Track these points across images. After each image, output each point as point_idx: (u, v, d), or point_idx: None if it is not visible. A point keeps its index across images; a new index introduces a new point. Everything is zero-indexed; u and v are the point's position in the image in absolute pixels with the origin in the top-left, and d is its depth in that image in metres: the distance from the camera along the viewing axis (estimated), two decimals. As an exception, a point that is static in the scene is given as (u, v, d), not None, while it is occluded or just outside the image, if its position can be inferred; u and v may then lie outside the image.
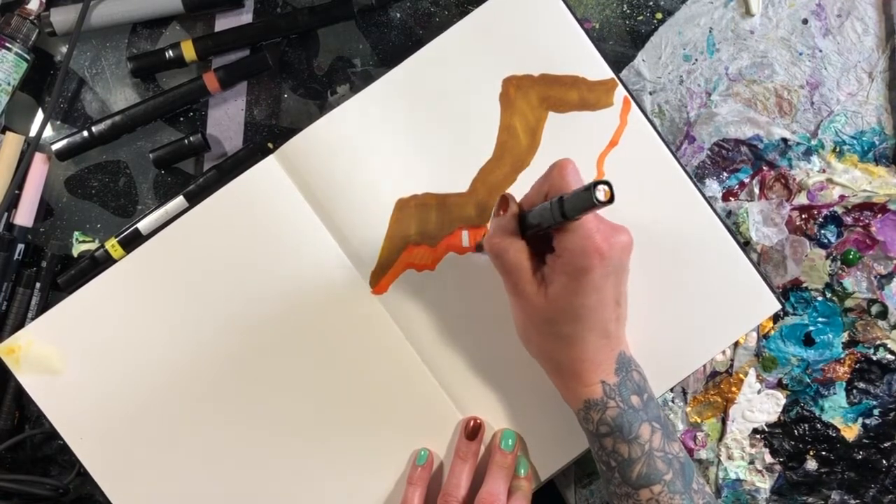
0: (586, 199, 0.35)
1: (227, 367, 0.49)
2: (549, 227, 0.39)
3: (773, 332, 0.52)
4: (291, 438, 0.49)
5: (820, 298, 0.51)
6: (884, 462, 0.52)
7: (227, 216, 0.49)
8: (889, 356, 0.51)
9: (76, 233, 0.53)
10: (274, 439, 0.49)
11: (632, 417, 0.41)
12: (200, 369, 0.49)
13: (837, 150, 0.51)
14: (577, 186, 0.39)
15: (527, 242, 0.41)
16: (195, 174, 0.53)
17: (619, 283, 0.41)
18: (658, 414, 0.42)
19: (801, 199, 0.51)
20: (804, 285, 0.51)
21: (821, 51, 0.51)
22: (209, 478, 0.49)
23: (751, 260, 0.49)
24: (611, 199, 0.34)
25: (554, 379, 0.44)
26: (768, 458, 0.52)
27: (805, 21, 0.51)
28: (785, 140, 0.51)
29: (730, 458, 0.52)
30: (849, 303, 0.51)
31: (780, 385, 0.52)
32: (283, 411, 0.49)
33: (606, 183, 0.34)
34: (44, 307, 0.52)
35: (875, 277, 0.51)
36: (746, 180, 0.52)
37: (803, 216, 0.51)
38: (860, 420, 0.52)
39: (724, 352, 0.51)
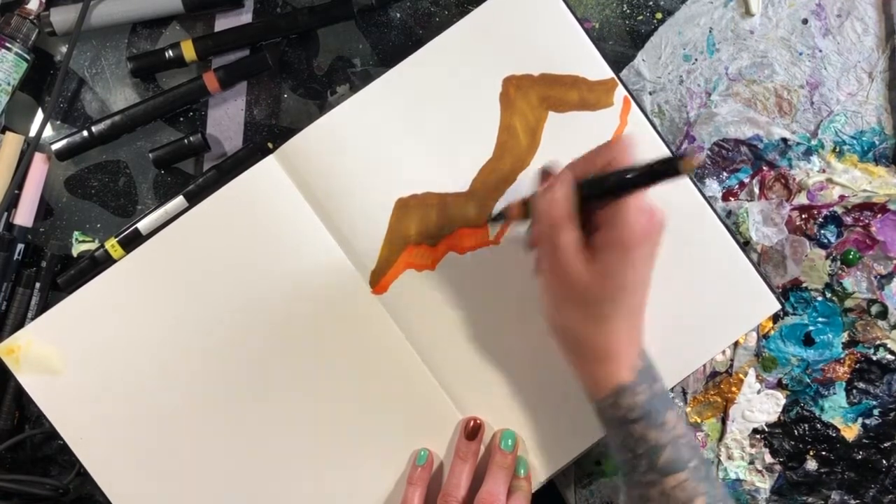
0: (670, 170, 0.35)
1: (226, 367, 0.49)
2: (609, 196, 0.39)
3: (773, 332, 0.52)
4: (291, 438, 0.49)
5: (820, 298, 0.51)
6: (884, 462, 0.52)
7: (227, 216, 0.49)
8: (889, 356, 0.51)
9: (76, 233, 0.53)
10: (274, 439, 0.49)
11: (659, 403, 0.41)
12: (200, 369, 0.49)
13: (837, 150, 0.51)
14: (636, 161, 0.39)
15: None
16: (195, 174, 0.53)
17: (653, 264, 0.41)
18: (673, 402, 0.42)
19: (801, 199, 0.51)
20: (804, 285, 0.51)
21: (821, 51, 0.51)
22: (209, 478, 0.49)
23: (751, 260, 0.49)
24: (693, 170, 0.35)
25: (581, 365, 0.43)
26: (768, 458, 0.52)
27: (805, 21, 0.51)
28: (785, 140, 0.51)
29: (730, 458, 0.52)
30: (849, 303, 0.51)
31: (780, 385, 0.52)
32: (282, 411, 0.49)
33: (690, 155, 0.35)
34: (44, 307, 0.52)
35: (875, 277, 0.51)
36: (746, 180, 0.52)
37: (803, 216, 0.51)
38: (860, 420, 0.52)
39: (723, 352, 0.51)
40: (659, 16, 0.52)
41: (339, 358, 0.49)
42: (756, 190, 0.51)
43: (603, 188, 0.39)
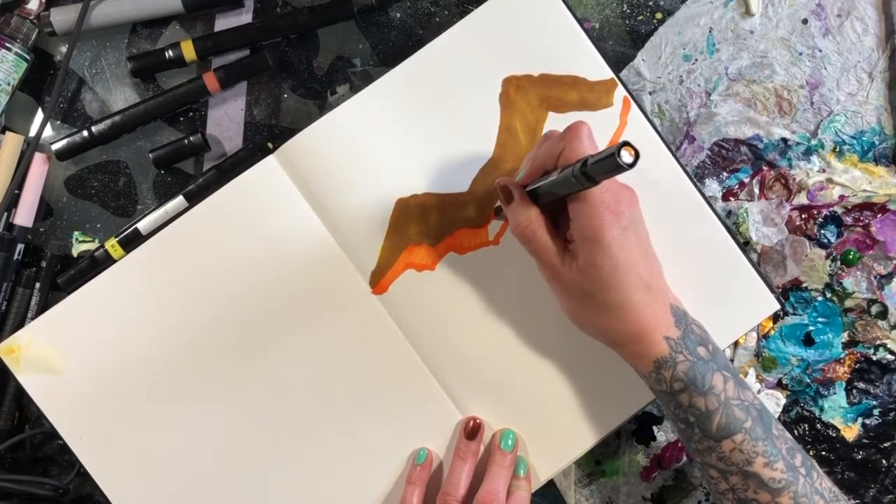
0: (612, 163, 0.34)
1: (226, 367, 0.49)
2: (568, 194, 0.39)
3: (772, 332, 0.52)
4: (291, 438, 0.49)
5: (820, 298, 0.51)
6: (884, 462, 0.52)
7: (227, 216, 0.49)
8: (889, 356, 0.51)
9: (76, 233, 0.53)
10: (274, 439, 0.49)
11: (703, 368, 0.40)
12: (200, 369, 0.49)
13: (837, 150, 0.51)
14: (593, 150, 0.39)
15: (548, 219, 0.41)
16: (195, 174, 0.53)
17: (640, 235, 0.41)
18: (726, 363, 0.42)
19: (801, 199, 0.51)
20: (804, 285, 0.51)
21: (821, 51, 0.51)
22: (209, 477, 0.49)
23: (750, 260, 0.49)
24: (636, 159, 0.33)
25: (619, 350, 0.43)
26: (768, 458, 0.52)
27: (805, 21, 0.51)
28: (785, 140, 0.51)
29: (730, 458, 0.52)
30: (849, 303, 0.51)
31: (780, 385, 0.52)
32: (283, 411, 0.49)
33: (628, 144, 0.33)
34: (44, 307, 0.52)
35: (875, 277, 0.51)
36: (746, 180, 0.52)
37: (803, 216, 0.51)
38: (860, 420, 0.52)
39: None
40: (659, 16, 0.52)
41: (338, 357, 0.49)
42: (756, 190, 0.51)
43: (558, 186, 0.39)
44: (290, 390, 0.49)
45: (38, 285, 0.53)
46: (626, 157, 0.33)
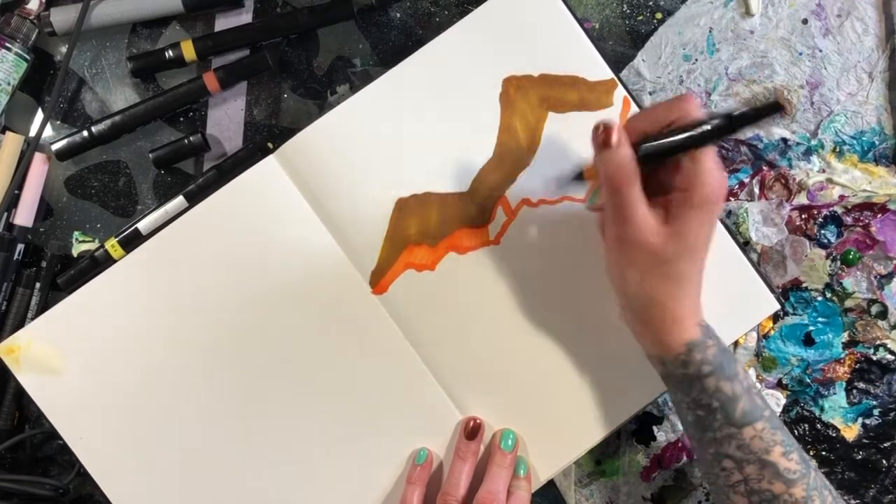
0: (769, 109, 0.36)
1: (226, 367, 0.49)
2: (680, 150, 0.38)
3: (772, 332, 0.52)
4: (291, 438, 0.49)
5: (820, 298, 0.51)
6: (884, 462, 0.52)
7: (227, 216, 0.49)
8: (889, 356, 0.51)
9: (76, 233, 0.53)
10: (274, 439, 0.49)
11: (728, 356, 0.41)
12: (200, 369, 0.49)
13: (837, 150, 0.51)
14: (699, 117, 0.38)
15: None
16: (195, 174, 0.53)
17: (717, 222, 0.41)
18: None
19: (801, 199, 0.51)
20: (804, 285, 0.51)
21: (821, 51, 0.51)
22: (209, 477, 0.49)
23: (750, 260, 0.49)
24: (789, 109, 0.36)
25: (653, 326, 0.41)
26: (768, 458, 0.52)
27: (805, 21, 0.51)
28: (785, 140, 0.51)
29: (730, 458, 0.52)
30: (849, 303, 0.51)
31: (780, 385, 0.52)
32: (282, 411, 0.49)
33: (780, 92, 0.36)
34: (44, 307, 0.52)
35: (875, 277, 0.51)
36: (746, 180, 0.52)
37: (803, 216, 0.51)
38: (860, 420, 0.52)
39: (724, 352, 0.51)
40: (659, 16, 0.52)
41: (338, 358, 0.49)
42: (756, 190, 0.51)
43: (668, 147, 0.38)
44: (289, 390, 0.49)
45: (38, 285, 0.53)
46: (783, 102, 0.36)
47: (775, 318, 0.52)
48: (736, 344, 0.52)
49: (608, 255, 0.42)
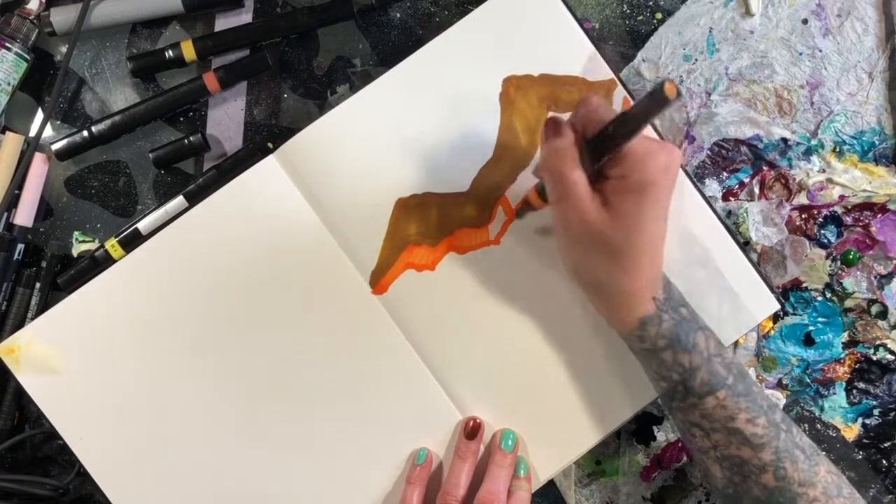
0: (658, 99, 0.35)
1: (226, 366, 0.49)
2: (615, 148, 0.39)
3: (772, 332, 0.52)
4: (291, 437, 0.49)
5: (820, 298, 0.51)
6: (884, 462, 0.52)
7: (227, 216, 0.49)
8: (889, 356, 0.51)
9: (76, 233, 0.53)
10: (274, 438, 0.49)
11: (686, 327, 0.41)
12: (200, 369, 0.49)
13: (837, 150, 0.51)
14: (609, 115, 0.39)
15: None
16: (195, 174, 0.53)
17: (670, 198, 0.41)
18: (704, 323, 0.42)
19: (801, 199, 0.51)
20: (804, 285, 0.51)
21: (821, 51, 0.51)
22: (209, 477, 0.49)
23: (750, 260, 0.49)
24: (678, 95, 0.34)
25: (604, 304, 0.43)
26: (768, 458, 0.52)
27: (805, 21, 0.51)
28: (785, 140, 0.51)
29: (730, 458, 0.52)
30: (849, 303, 0.51)
31: (780, 385, 0.52)
32: (283, 411, 0.49)
33: (668, 81, 0.34)
34: (44, 307, 0.52)
35: (875, 277, 0.51)
36: (746, 180, 0.52)
37: (803, 216, 0.51)
38: (860, 420, 0.52)
39: (724, 352, 0.51)
40: (659, 16, 0.52)
41: (339, 358, 0.49)
42: (756, 190, 0.51)
43: (604, 139, 0.39)
44: (290, 390, 0.49)
45: (38, 285, 0.53)
46: (668, 93, 0.34)
47: (775, 318, 0.52)
48: (736, 344, 0.52)
49: (557, 239, 0.44)
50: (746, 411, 0.40)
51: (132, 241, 0.51)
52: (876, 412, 0.52)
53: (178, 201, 0.52)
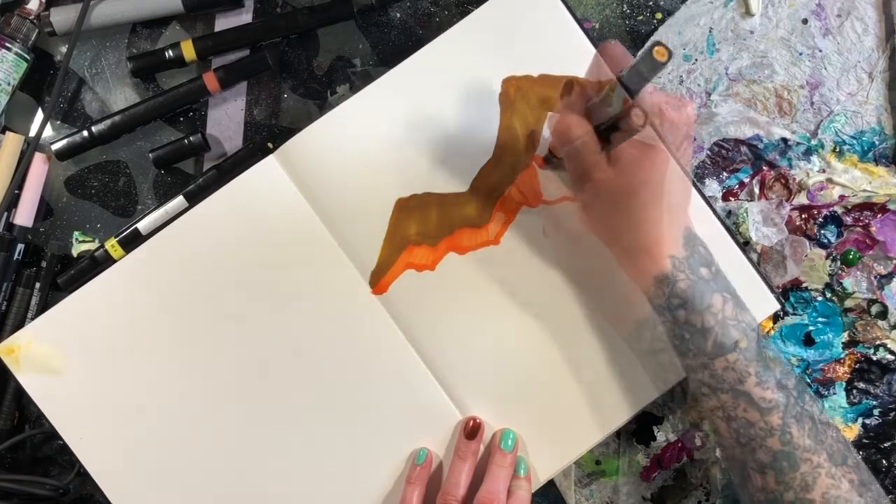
0: (647, 64, 0.35)
1: (226, 367, 0.49)
2: (616, 114, 0.39)
3: (773, 332, 0.52)
4: (291, 438, 0.49)
5: (820, 298, 0.51)
6: (884, 462, 0.52)
7: (227, 216, 0.49)
8: (889, 356, 0.51)
9: (76, 233, 0.53)
10: (273, 438, 0.49)
11: (703, 288, 0.41)
12: (199, 369, 0.49)
13: (837, 150, 0.51)
14: (627, 62, 0.39)
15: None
16: (195, 174, 0.53)
17: (685, 156, 0.41)
18: (728, 285, 0.42)
19: (801, 199, 0.51)
20: (804, 285, 0.51)
21: (821, 51, 0.51)
22: (209, 477, 0.49)
23: (750, 260, 0.49)
24: (669, 57, 0.34)
25: (623, 261, 0.44)
26: (768, 458, 0.52)
27: (805, 21, 0.51)
28: (785, 140, 0.51)
29: (730, 458, 0.52)
30: (849, 303, 0.51)
31: (779, 385, 0.52)
32: (282, 411, 0.49)
33: (660, 43, 0.34)
34: (44, 307, 0.52)
35: (875, 277, 0.51)
36: (746, 180, 0.52)
37: (803, 216, 0.51)
38: (860, 420, 0.52)
39: (723, 352, 0.51)
40: (659, 16, 0.52)
41: (338, 357, 0.49)
42: (756, 190, 0.51)
43: (603, 109, 0.40)
44: (290, 390, 0.49)
45: (38, 285, 0.53)
46: (658, 56, 0.34)
47: (775, 318, 0.52)
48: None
49: (576, 200, 0.45)
50: (756, 375, 0.41)
51: (132, 241, 0.51)
52: (876, 412, 0.52)
53: (178, 201, 0.52)
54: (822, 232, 0.51)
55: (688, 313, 0.41)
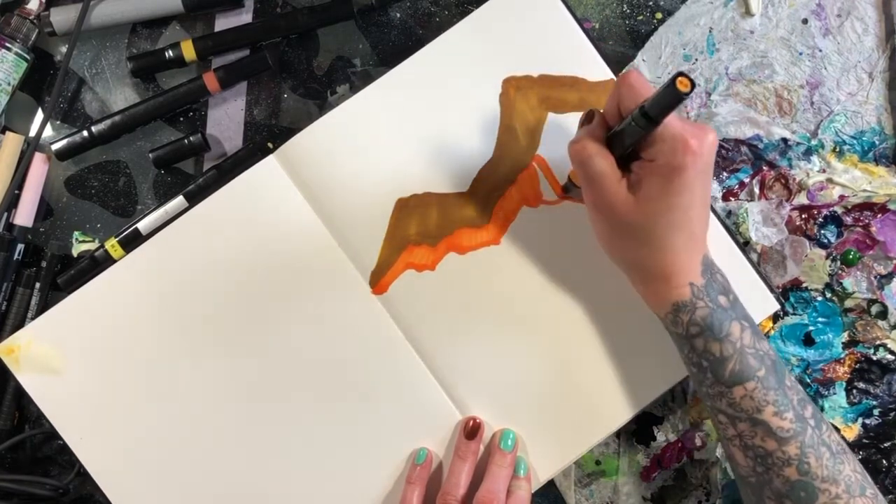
0: (669, 95, 0.35)
1: (226, 367, 0.49)
2: (636, 139, 0.39)
3: (773, 332, 0.52)
4: (291, 438, 0.49)
5: (820, 298, 0.51)
6: (884, 462, 0.52)
7: (227, 216, 0.49)
8: (889, 356, 0.51)
9: (76, 233, 0.53)
10: (273, 438, 0.49)
11: (721, 316, 0.41)
12: (199, 369, 0.49)
13: (837, 149, 0.51)
14: (648, 91, 0.39)
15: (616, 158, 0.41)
16: (195, 174, 0.53)
17: (708, 183, 0.41)
18: (745, 313, 0.42)
19: (801, 199, 0.51)
20: (804, 285, 0.51)
21: (821, 51, 0.51)
22: (209, 477, 0.49)
23: (750, 260, 0.49)
24: (692, 88, 0.34)
25: (639, 287, 0.43)
26: (768, 458, 0.52)
27: (805, 21, 0.51)
28: (785, 140, 0.51)
29: (730, 458, 0.52)
30: (849, 303, 0.51)
31: (779, 385, 0.52)
32: (282, 411, 0.49)
33: (682, 74, 0.34)
34: (44, 307, 0.52)
35: (875, 277, 0.51)
36: (746, 180, 0.52)
37: (803, 216, 0.51)
38: (860, 420, 0.52)
39: (723, 352, 0.51)
40: (659, 16, 0.52)
41: (339, 357, 0.49)
42: (756, 190, 0.51)
43: (625, 134, 0.39)
44: (290, 390, 0.49)
45: (38, 285, 0.53)
46: (680, 87, 0.34)
47: (775, 318, 0.52)
48: (736, 344, 0.52)
49: (591, 222, 0.44)
50: (774, 404, 0.40)
51: (132, 241, 0.51)
52: (876, 412, 0.52)
53: (178, 201, 0.52)
54: (822, 232, 0.51)
55: (706, 342, 0.41)
